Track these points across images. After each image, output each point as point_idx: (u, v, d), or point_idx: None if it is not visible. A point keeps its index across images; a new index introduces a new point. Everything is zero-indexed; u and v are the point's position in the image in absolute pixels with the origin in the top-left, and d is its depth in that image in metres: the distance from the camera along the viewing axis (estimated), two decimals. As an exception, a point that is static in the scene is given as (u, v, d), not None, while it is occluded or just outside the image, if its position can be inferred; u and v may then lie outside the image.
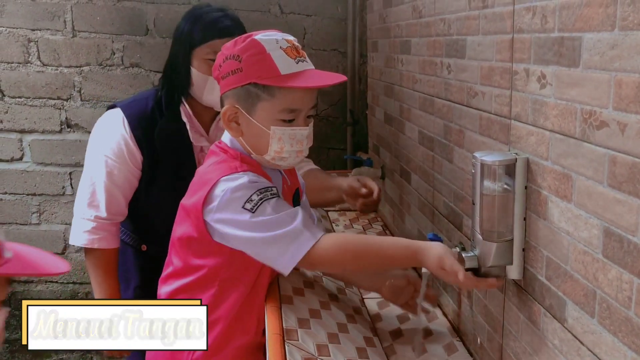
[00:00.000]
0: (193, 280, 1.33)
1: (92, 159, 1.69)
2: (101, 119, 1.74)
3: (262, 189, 1.22)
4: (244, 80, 1.24)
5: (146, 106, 1.69)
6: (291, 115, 1.26)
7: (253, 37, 1.25)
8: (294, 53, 1.25)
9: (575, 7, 0.87)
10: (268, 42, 1.24)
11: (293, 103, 1.25)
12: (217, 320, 1.33)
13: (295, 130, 1.27)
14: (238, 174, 1.24)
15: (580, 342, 0.91)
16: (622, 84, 0.77)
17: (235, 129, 1.29)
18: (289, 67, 1.23)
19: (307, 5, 2.75)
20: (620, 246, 0.80)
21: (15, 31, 2.61)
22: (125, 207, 1.71)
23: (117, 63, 2.68)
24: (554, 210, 0.97)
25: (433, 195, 1.65)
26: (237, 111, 1.27)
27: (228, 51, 1.27)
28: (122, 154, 1.65)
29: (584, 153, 0.87)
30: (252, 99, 1.25)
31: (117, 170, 1.65)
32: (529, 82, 1.03)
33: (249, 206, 1.19)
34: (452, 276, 1.15)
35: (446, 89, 1.49)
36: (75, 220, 1.70)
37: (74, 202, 2.72)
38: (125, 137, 1.65)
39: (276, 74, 1.22)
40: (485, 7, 1.21)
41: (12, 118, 2.68)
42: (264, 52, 1.23)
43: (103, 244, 1.68)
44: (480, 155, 1.09)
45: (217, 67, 1.30)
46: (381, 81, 2.29)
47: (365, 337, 1.39)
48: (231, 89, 1.27)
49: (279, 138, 1.25)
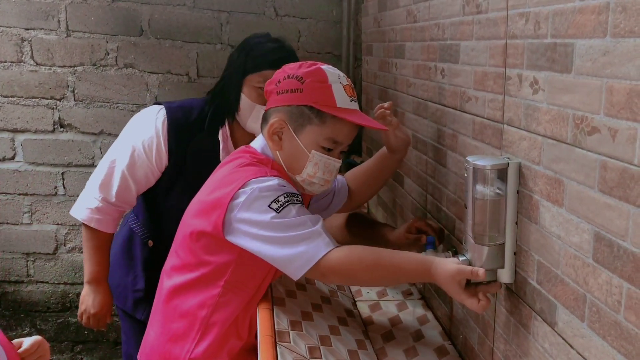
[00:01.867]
0: (198, 276, 1.34)
1: (121, 143, 1.71)
2: (144, 110, 1.76)
3: (290, 193, 1.25)
4: (301, 100, 1.30)
5: (190, 115, 1.72)
6: (332, 145, 1.33)
7: (319, 66, 1.33)
8: (350, 91, 1.34)
9: (568, 13, 0.88)
10: (331, 74, 1.32)
11: (339, 135, 1.32)
12: (214, 324, 1.33)
13: (331, 160, 1.34)
14: (268, 177, 1.27)
15: (570, 345, 0.92)
16: (613, 90, 0.78)
17: (277, 142, 1.34)
18: (345, 102, 1.31)
19: (302, 8, 2.76)
20: (610, 251, 0.81)
21: (8, 30, 2.60)
22: (135, 198, 1.73)
23: (111, 63, 2.68)
24: (545, 215, 0.98)
25: (426, 199, 1.65)
26: (284, 127, 1.32)
27: (291, 71, 1.33)
28: (150, 151, 1.68)
29: (575, 158, 0.88)
30: (303, 120, 1.31)
31: (140, 164, 1.68)
32: (522, 88, 1.04)
33: (275, 206, 1.22)
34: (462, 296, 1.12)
35: (440, 93, 1.50)
36: (83, 193, 1.73)
37: (65, 203, 2.74)
38: (159, 138, 1.68)
39: (333, 104, 1.30)
40: (479, 12, 1.22)
41: (5, 117, 2.67)
42: (326, 82, 1.30)
43: (100, 225, 1.70)
44: (472, 160, 1.10)
45: (275, 82, 1.34)
46: (375, 85, 2.30)
47: (357, 339, 1.39)
48: (285, 105, 1.31)
49: (315, 163, 1.32)
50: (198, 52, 2.71)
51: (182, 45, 2.70)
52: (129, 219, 1.85)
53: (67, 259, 2.82)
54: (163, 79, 2.71)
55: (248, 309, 1.35)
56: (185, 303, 1.36)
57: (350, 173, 1.68)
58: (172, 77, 2.72)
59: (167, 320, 1.40)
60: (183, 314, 1.36)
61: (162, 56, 2.70)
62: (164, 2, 2.66)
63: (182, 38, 2.69)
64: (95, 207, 1.68)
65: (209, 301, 1.33)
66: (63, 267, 2.84)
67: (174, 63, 2.71)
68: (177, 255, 1.39)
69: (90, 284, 1.74)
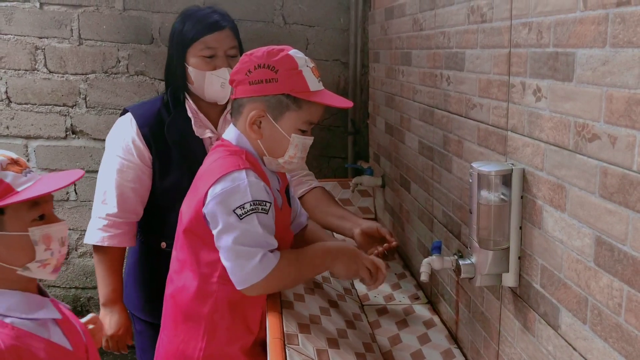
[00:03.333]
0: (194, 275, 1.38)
1: (105, 161, 1.77)
2: (115, 124, 1.81)
3: (258, 201, 1.29)
4: (278, 90, 1.35)
5: (153, 107, 1.78)
6: (308, 126, 1.40)
7: (286, 52, 1.36)
8: (317, 73, 1.40)
9: (569, 24, 0.91)
10: (299, 59, 1.37)
11: (314, 116, 1.39)
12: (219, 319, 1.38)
13: (307, 139, 1.41)
14: (240, 171, 1.31)
15: (573, 348, 0.94)
16: (613, 98, 0.80)
17: (257, 131, 1.38)
18: (315, 85, 1.38)
19: (310, 17, 2.79)
20: (611, 255, 0.83)
21: (23, 39, 2.65)
22: (138, 205, 1.75)
23: (122, 71, 2.72)
24: (548, 220, 1.00)
25: (432, 204, 1.68)
26: (264, 116, 1.36)
27: (259, 60, 1.36)
28: (130, 152, 1.72)
29: (577, 164, 0.90)
30: (282, 108, 1.36)
31: (126, 167, 1.72)
32: (525, 95, 1.07)
33: (239, 212, 1.27)
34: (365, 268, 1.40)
35: (445, 100, 1.52)
36: (91, 221, 1.76)
37: (77, 208, 2.78)
38: (133, 136, 1.72)
39: (306, 89, 1.36)
40: (484, 21, 1.25)
41: (18, 124, 2.72)
42: (297, 68, 1.35)
43: (112, 241, 1.72)
44: (477, 166, 1.12)
45: (244, 71, 1.37)
46: (382, 91, 2.32)
47: (364, 342, 1.41)
48: (262, 95, 1.36)
49: (295, 145, 1.39)
50: (207, 60, 2.74)
51: (192, 53, 2.74)
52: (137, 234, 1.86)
53: (79, 263, 2.86)
54: (173, 86, 2.75)
55: (256, 302, 1.38)
56: (187, 303, 1.40)
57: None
58: (182, 84, 2.76)
59: (175, 322, 1.43)
60: (188, 314, 1.40)
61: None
62: (174, 11, 2.70)
63: (192, 46, 2.73)
64: (103, 226, 1.71)
65: (208, 297, 1.37)
66: (75, 271, 2.88)
67: (184, 70, 2.74)
68: (176, 259, 1.44)
69: (105, 306, 1.75)
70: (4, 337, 1.09)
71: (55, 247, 1.17)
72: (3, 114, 2.70)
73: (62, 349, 1.17)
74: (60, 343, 1.18)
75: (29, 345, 1.11)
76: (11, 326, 1.12)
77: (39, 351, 1.12)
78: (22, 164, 1.17)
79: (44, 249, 1.15)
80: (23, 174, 1.15)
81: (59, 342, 1.18)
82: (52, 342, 1.16)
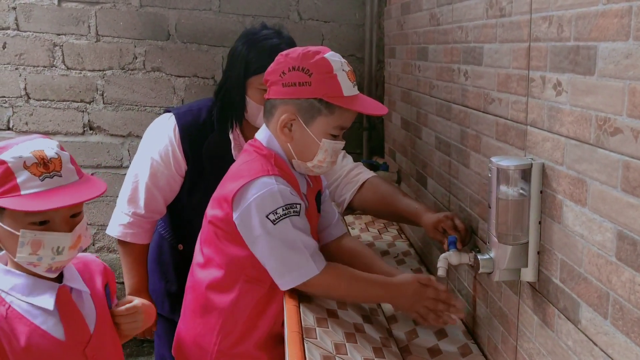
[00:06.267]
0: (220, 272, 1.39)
1: (139, 158, 1.77)
2: (156, 121, 1.81)
3: (289, 204, 1.29)
4: (311, 94, 1.33)
5: (198, 118, 1.76)
6: (339, 131, 1.39)
7: (323, 55, 1.34)
8: (352, 77, 1.37)
9: (591, 17, 0.90)
10: (335, 62, 1.35)
11: (346, 122, 1.38)
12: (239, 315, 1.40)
13: (338, 144, 1.40)
14: (270, 177, 1.30)
15: (593, 343, 0.94)
16: (636, 92, 0.80)
17: (287, 134, 1.37)
18: (349, 90, 1.35)
19: (326, 12, 2.79)
20: (633, 249, 0.82)
21: (41, 36, 2.68)
22: (163, 206, 1.78)
23: (139, 67, 2.74)
24: (568, 214, 1.00)
25: (449, 200, 1.67)
26: (295, 119, 1.35)
27: (294, 62, 1.34)
28: (167, 160, 1.72)
29: (598, 159, 0.90)
30: (313, 112, 1.35)
31: (160, 173, 1.72)
32: (545, 89, 1.06)
33: (272, 217, 1.28)
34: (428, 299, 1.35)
35: (463, 95, 1.52)
36: (115, 212, 1.78)
37: (94, 203, 2.81)
38: (173, 145, 1.72)
39: (340, 94, 1.33)
40: (503, 15, 1.24)
41: (37, 120, 2.75)
42: (332, 72, 1.33)
43: (135, 239, 1.76)
44: (496, 160, 1.12)
45: (279, 72, 1.36)
46: (398, 87, 2.32)
47: (381, 337, 1.42)
48: (294, 99, 1.34)
49: (325, 150, 1.37)
50: (223, 56, 2.76)
51: (208, 49, 2.76)
52: (158, 226, 1.89)
53: (96, 258, 2.89)
54: (189, 82, 2.77)
55: (272, 298, 1.39)
56: (211, 299, 1.41)
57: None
58: (198, 80, 2.78)
59: (195, 315, 1.45)
60: (209, 308, 1.41)
61: (188, 60, 2.76)
62: (190, 7, 2.72)
63: (207, 42, 2.75)
64: (127, 223, 1.74)
65: (232, 295, 1.38)
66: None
67: (200, 66, 2.77)
68: (201, 252, 1.44)
69: (132, 295, 1.77)
70: None
71: (45, 254, 1.15)
72: (22, 110, 2.74)
73: (50, 337, 1.18)
74: (51, 332, 1.18)
75: (12, 328, 1.14)
76: (8, 305, 1.15)
77: (20, 335, 1.14)
78: (50, 167, 1.16)
79: (29, 252, 1.15)
80: (40, 178, 1.14)
81: (49, 330, 1.18)
82: (41, 329, 1.17)
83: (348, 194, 1.79)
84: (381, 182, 1.79)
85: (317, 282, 1.32)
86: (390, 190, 1.75)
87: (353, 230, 2.22)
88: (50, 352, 1.17)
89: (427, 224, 1.57)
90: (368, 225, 2.27)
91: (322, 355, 1.16)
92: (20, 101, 2.73)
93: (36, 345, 1.15)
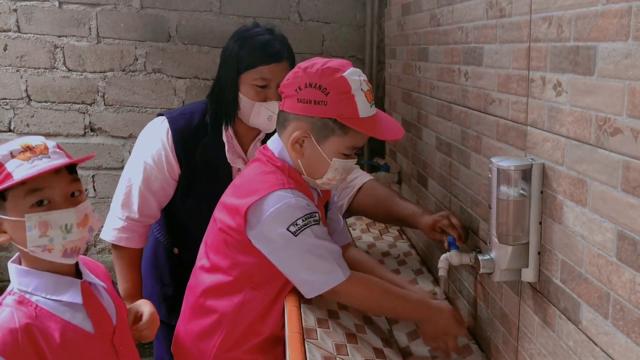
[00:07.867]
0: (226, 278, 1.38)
1: (133, 162, 1.76)
2: (149, 125, 1.79)
3: (308, 214, 1.29)
4: (325, 114, 1.31)
5: (191, 122, 1.74)
6: (352, 151, 1.37)
7: (342, 74, 1.31)
8: (370, 97, 1.34)
9: (591, 17, 0.90)
10: (354, 82, 1.31)
11: (359, 143, 1.36)
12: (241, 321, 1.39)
13: (350, 162, 1.38)
14: (286, 191, 1.30)
15: (594, 343, 0.94)
16: (636, 92, 0.80)
17: (299, 151, 1.36)
18: (366, 110, 1.33)
19: (326, 13, 2.80)
20: (633, 249, 0.82)
21: (42, 37, 2.69)
22: (157, 211, 1.76)
23: (139, 69, 2.75)
24: (569, 215, 1.00)
25: (450, 200, 1.67)
26: (307, 137, 1.34)
27: (312, 78, 1.31)
28: (160, 164, 1.71)
29: (598, 159, 0.90)
30: (327, 132, 1.33)
31: (153, 177, 1.71)
32: (545, 90, 1.06)
33: (293, 229, 1.27)
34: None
35: (463, 95, 1.52)
36: (109, 216, 1.77)
37: (96, 205, 2.81)
38: (166, 149, 1.71)
39: (356, 115, 1.31)
40: (503, 16, 1.24)
41: (38, 122, 2.76)
42: (349, 92, 1.30)
43: (129, 243, 1.74)
44: (497, 161, 1.12)
45: (295, 87, 1.33)
46: (399, 88, 2.32)
47: (382, 338, 1.42)
48: (308, 116, 1.32)
49: (336, 169, 1.36)
50: (224, 57, 2.76)
51: (209, 51, 2.76)
52: (153, 230, 1.88)
53: (97, 259, 2.89)
54: (190, 83, 2.78)
55: (275, 305, 1.39)
56: (213, 302, 1.40)
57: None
58: (199, 81, 2.78)
59: (195, 317, 1.44)
60: (211, 312, 1.41)
61: (189, 61, 2.76)
62: (191, 9, 2.72)
63: (208, 43, 2.75)
64: (121, 227, 1.72)
65: (236, 300, 1.38)
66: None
67: (201, 68, 2.77)
68: (207, 256, 1.43)
69: (126, 300, 1.74)
70: (22, 315, 1.12)
71: (54, 234, 1.15)
72: (23, 112, 2.74)
73: (82, 331, 1.19)
74: (81, 326, 1.19)
75: (45, 326, 1.14)
76: (35, 305, 1.15)
77: (54, 332, 1.14)
78: (37, 151, 1.17)
79: (39, 235, 1.14)
80: (29, 162, 1.15)
81: (79, 324, 1.19)
82: (72, 324, 1.17)
83: (345, 200, 1.78)
84: (378, 186, 1.79)
85: (345, 290, 1.31)
86: (386, 194, 1.75)
87: (354, 231, 2.22)
88: (82, 346, 1.19)
89: (425, 225, 1.58)
90: (369, 226, 2.27)
91: (323, 356, 1.16)
92: (21, 103, 2.73)
93: (70, 341, 1.16)
